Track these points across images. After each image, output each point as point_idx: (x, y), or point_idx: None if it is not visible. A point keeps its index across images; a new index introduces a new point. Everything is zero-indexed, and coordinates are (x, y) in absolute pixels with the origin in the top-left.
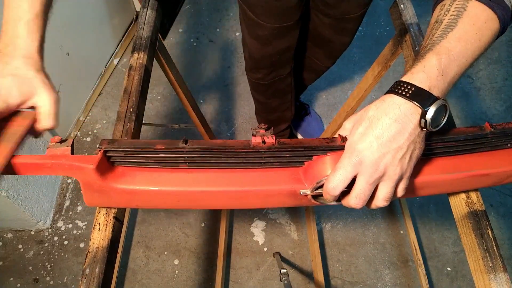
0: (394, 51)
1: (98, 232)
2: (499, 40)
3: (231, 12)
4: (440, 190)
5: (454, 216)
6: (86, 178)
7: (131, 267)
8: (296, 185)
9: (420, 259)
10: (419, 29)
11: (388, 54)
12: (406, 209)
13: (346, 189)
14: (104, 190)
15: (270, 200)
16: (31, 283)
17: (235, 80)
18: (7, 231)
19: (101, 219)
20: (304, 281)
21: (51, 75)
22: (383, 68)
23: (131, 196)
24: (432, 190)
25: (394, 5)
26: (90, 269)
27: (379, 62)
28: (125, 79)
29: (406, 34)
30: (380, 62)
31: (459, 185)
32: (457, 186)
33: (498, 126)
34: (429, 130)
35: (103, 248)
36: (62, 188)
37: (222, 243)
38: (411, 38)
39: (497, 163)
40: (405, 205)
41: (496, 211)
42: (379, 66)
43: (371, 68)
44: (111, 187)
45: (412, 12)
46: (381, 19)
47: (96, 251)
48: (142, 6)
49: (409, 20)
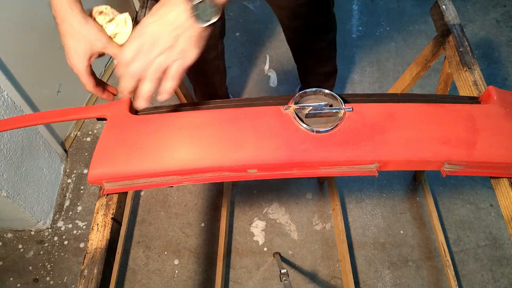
0: (435, 51)
1: (96, 233)
2: (499, 40)
3: (231, 12)
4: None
5: (504, 217)
6: (118, 111)
7: (131, 267)
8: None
9: (449, 260)
10: (462, 30)
11: (428, 55)
12: (434, 211)
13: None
14: (126, 123)
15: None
16: (31, 283)
17: (235, 80)
18: (7, 231)
19: (99, 220)
20: (304, 281)
21: (52, 75)
22: (422, 68)
23: (144, 125)
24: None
25: (435, 6)
26: (89, 270)
27: (418, 62)
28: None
29: (449, 35)
30: (419, 62)
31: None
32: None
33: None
34: (199, 21)
35: (101, 249)
36: (62, 188)
37: (222, 243)
38: (454, 39)
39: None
40: (433, 206)
41: (496, 211)
42: (418, 66)
43: (409, 68)
44: (133, 117)
45: (454, 13)
46: (381, 19)
47: (95, 252)
48: (140, 6)
49: (452, 21)
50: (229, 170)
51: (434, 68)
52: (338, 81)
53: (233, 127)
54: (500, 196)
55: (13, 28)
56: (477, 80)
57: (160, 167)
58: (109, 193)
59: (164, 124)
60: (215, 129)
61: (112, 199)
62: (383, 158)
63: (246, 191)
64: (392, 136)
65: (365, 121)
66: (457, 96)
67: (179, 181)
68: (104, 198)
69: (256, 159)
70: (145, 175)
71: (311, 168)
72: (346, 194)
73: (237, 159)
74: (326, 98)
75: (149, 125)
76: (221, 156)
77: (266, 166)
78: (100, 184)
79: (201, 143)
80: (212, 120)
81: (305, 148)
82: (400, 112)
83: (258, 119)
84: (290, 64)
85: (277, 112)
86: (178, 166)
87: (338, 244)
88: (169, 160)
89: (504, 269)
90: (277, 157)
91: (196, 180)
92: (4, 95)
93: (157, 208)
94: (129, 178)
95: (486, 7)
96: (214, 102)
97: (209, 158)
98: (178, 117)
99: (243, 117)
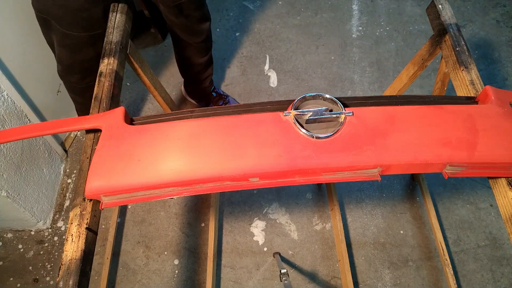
0: (432, 51)
1: (71, 244)
2: (499, 40)
3: (231, 12)
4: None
5: (503, 217)
6: (113, 121)
7: (131, 267)
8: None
9: (448, 260)
10: (459, 29)
11: (425, 54)
12: (432, 209)
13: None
14: (122, 133)
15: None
16: (31, 283)
17: (235, 80)
18: (7, 231)
19: (74, 230)
20: (304, 281)
21: (52, 76)
22: (419, 68)
23: (141, 135)
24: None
25: (431, 6)
26: (64, 281)
27: (415, 62)
28: (96, 86)
29: (446, 35)
30: (416, 62)
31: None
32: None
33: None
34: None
35: (76, 259)
36: (62, 188)
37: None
38: (451, 38)
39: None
40: (431, 205)
41: (496, 211)
42: (414, 66)
43: (406, 68)
44: (129, 128)
45: (450, 12)
46: (381, 19)
47: (69, 264)
48: (111, 10)
49: (448, 20)
50: (230, 180)
51: (434, 68)
52: (338, 81)
53: (232, 135)
54: (498, 196)
55: (13, 28)
56: (474, 80)
57: (159, 179)
58: (107, 207)
59: (161, 134)
60: (214, 137)
61: (86, 208)
62: (385, 162)
63: (246, 191)
64: (393, 139)
65: (366, 125)
66: (455, 97)
67: (179, 193)
68: (78, 208)
69: (258, 167)
70: (144, 187)
71: (313, 175)
72: (346, 194)
73: (238, 168)
74: (326, 102)
75: (146, 135)
76: (221, 166)
77: (267, 175)
78: (98, 198)
79: (201, 153)
80: (211, 129)
81: (306, 155)
82: (400, 115)
83: (258, 126)
84: (290, 64)
85: (277, 119)
86: (178, 177)
87: (337, 244)
88: (168, 172)
89: (504, 269)
90: (278, 165)
91: (197, 191)
92: (4, 95)
93: (157, 208)
94: (128, 191)
95: (486, 7)
96: (212, 109)
97: (209, 168)
98: (175, 126)
99: (242, 124)
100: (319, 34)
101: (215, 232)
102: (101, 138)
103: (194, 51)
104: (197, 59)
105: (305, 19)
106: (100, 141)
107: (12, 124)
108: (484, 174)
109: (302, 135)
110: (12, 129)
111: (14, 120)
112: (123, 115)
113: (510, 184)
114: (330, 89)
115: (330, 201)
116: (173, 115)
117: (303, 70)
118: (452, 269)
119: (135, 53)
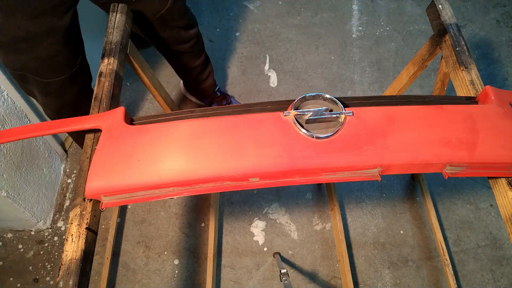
0: (432, 51)
1: (71, 244)
2: (499, 40)
3: (231, 12)
4: None
5: (503, 217)
6: (113, 121)
7: (131, 267)
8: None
9: (448, 259)
10: (459, 29)
11: (425, 54)
12: (432, 209)
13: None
14: (122, 133)
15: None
16: (31, 283)
17: (235, 80)
18: (7, 231)
19: (74, 230)
20: (304, 281)
21: None
22: (419, 68)
23: (141, 135)
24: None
25: (431, 5)
26: (64, 281)
27: (415, 62)
28: (96, 86)
29: (446, 34)
30: (416, 62)
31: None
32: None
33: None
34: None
35: (76, 259)
36: (62, 188)
37: (211, 244)
38: (451, 38)
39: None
40: (431, 204)
41: (496, 211)
42: (414, 66)
43: (406, 68)
44: (129, 128)
45: (450, 12)
46: (381, 19)
47: (69, 264)
48: (111, 10)
49: (448, 20)
50: (230, 180)
51: (434, 68)
52: (338, 81)
53: (232, 135)
54: (498, 196)
55: None
56: (474, 80)
57: (159, 179)
58: (107, 207)
59: (161, 134)
60: (214, 137)
61: (86, 208)
62: (385, 162)
63: (246, 191)
64: (394, 139)
65: (366, 125)
66: (455, 97)
67: (179, 193)
68: (78, 208)
69: (258, 167)
70: (144, 187)
71: (313, 175)
72: (346, 194)
73: (238, 168)
74: (326, 102)
75: (146, 135)
76: (221, 166)
77: (267, 175)
78: (98, 198)
79: (201, 153)
80: (211, 129)
81: (306, 155)
82: (400, 115)
83: (258, 127)
84: (290, 64)
85: (277, 119)
86: (178, 178)
87: (336, 244)
88: (168, 172)
89: (504, 269)
90: (278, 165)
91: (197, 191)
92: (4, 95)
93: (157, 208)
94: (128, 191)
95: (486, 7)
96: (212, 109)
97: (209, 168)
98: (176, 126)
99: (242, 124)
100: (319, 34)
101: (215, 232)
102: (101, 138)
103: (188, 56)
104: (193, 63)
105: (305, 19)
106: (100, 141)
107: (12, 124)
108: (484, 174)
109: (302, 135)
110: (12, 129)
111: (14, 120)
112: (123, 115)
113: (510, 184)
114: (330, 89)
115: (330, 201)
116: (173, 115)
117: (303, 70)
118: (452, 269)
119: (135, 53)
